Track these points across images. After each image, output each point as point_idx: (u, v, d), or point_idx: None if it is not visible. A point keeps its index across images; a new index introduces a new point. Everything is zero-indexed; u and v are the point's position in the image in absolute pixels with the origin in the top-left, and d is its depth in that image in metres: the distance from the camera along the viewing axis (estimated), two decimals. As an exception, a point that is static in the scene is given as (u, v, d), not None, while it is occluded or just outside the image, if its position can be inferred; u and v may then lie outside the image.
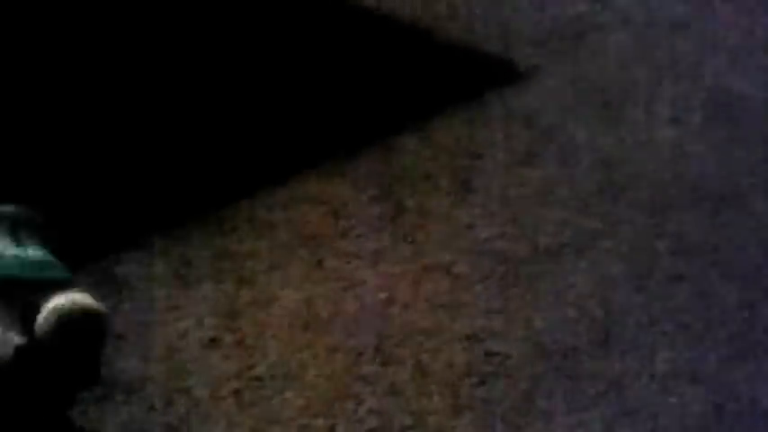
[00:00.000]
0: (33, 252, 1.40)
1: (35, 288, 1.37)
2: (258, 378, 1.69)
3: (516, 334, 1.79)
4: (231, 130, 2.22)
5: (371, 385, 1.69)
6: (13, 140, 2.11)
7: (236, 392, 1.67)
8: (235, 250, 1.93)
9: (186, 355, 1.73)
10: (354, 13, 2.55)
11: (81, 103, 2.24)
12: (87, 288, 1.44)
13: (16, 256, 1.39)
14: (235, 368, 1.69)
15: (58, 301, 1.35)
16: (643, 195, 2.10)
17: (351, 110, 2.29)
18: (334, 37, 2.49)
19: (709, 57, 2.46)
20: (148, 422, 1.60)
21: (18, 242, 1.41)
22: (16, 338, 1.30)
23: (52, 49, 2.36)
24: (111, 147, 2.14)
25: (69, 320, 1.33)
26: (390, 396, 1.67)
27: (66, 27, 2.41)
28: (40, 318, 1.33)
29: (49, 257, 1.41)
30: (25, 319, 1.35)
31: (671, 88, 2.39)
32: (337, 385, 1.68)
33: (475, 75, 2.41)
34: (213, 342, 1.75)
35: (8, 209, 1.47)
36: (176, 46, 2.40)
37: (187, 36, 2.44)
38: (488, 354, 1.75)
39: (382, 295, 1.86)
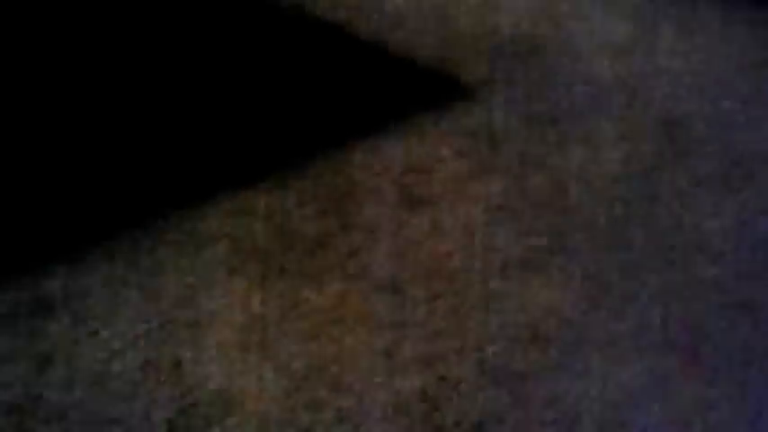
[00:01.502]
0: None
1: None
2: (195, 404, 1.46)
3: (468, 357, 1.58)
4: (173, 140, 2.01)
5: (319, 412, 1.46)
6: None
7: (171, 421, 1.42)
8: (173, 265, 1.70)
9: (116, 379, 1.48)
10: (303, 27, 2.36)
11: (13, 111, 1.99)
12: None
13: None
14: (170, 393, 1.45)
15: None
16: (593, 212, 1.91)
17: (297, 123, 2.08)
18: (280, 51, 2.29)
19: (651, 78, 2.31)
20: (71, 455, 1.36)
21: None
22: None
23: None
24: (44, 155, 1.90)
25: None
26: (338, 423, 1.44)
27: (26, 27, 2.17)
28: None
29: None
30: None
31: (615, 107, 2.24)
32: (282, 412, 1.45)
33: (424, 90, 2.23)
34: (147, 365, 1.52)
35: None
36: (111, 64, 2.17)
37: (129, 53, 2.21)
38: (441, 378, 1.54)
39: (328, 315, 1.63)
